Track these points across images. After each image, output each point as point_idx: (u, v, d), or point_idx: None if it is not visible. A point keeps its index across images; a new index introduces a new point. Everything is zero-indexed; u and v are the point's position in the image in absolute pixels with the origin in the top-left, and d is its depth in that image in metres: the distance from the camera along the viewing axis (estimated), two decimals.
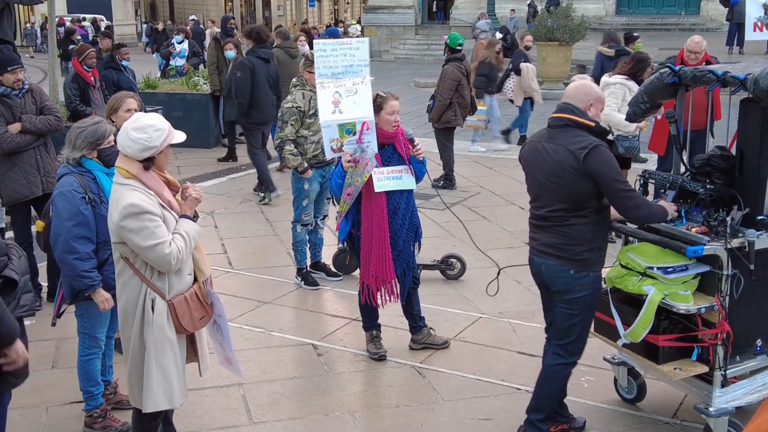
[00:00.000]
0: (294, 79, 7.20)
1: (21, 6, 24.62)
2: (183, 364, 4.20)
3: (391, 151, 5.69)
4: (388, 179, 5.59)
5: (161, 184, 4.04)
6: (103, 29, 17.98)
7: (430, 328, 6.12)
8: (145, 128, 3.92)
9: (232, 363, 4.44)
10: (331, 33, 13.50)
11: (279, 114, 7.05)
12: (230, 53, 12.23)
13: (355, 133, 5.57)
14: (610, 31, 14.75)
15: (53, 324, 4.92)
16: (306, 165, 6.93)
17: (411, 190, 5.78)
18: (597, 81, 14.82)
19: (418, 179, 5.78)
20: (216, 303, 4.23)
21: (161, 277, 4.02)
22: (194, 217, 4.20)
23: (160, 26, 23.13)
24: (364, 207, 5.61)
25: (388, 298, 5.76)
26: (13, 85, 6.35)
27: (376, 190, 5.54)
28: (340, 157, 5.61)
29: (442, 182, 10.59)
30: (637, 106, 5.09)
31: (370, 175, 5.53)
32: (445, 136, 10.91)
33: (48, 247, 4.88)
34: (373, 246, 5.61)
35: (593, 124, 4.41)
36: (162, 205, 3.99)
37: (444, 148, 10.91)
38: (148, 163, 3.97)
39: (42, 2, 11.18)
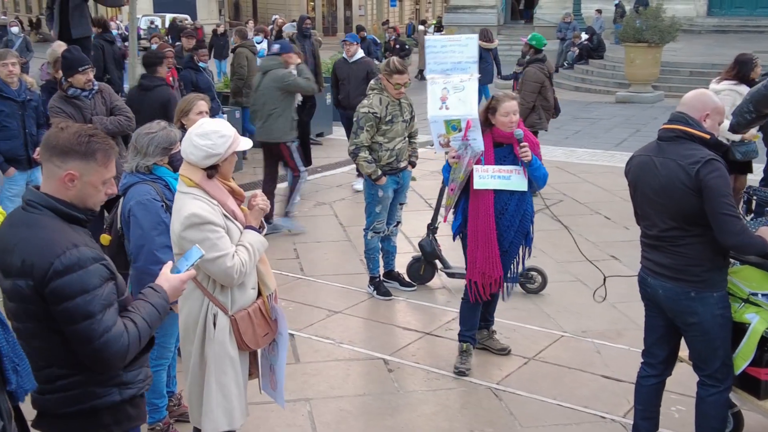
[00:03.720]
0: (372, 82, 6.96)
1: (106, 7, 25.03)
2: (245, 383, 3.98)
3: (507, 150, 5.49)
4: (492, 177, 5.42)
5: (225, 193, 3.82)
6: (189, 29, 17.97)
7: (493, 331, 5.94)
8: (208, 134, 3.70)
9: (276, 388, 4.16)
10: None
11: (354, 119, 6.80)
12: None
13: (460, 130, 5.50)
14: (486, 29, 16.09)
15: None
16: (380, 172, 6.69)
17: (525, 193, 5.52)
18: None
19: (538, 183, 5.50)
20: (280, 320, 4.00)
21: (224, 291, 3.81)
22: (260, 228, 3.97)
23: (221, 29, 21.33)
24: (471, 204, 5.49)
25: (493, 288, 5.57)
26: (84, 86, 6.29)
27: (475, 187, 5.41)
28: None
29: None
30: (741, 116, 4.67)
31: (471, 171, 5.41)
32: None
33: (115, 263, 4.64)
34: (479, 243, 5.47)
35: (708, 136, 4.00)
36: (225, 216, 3.78)
37: None
38: (212, 171, 3.75)
39: (125, 4, 11.27)
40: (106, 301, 2.85)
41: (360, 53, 11.06)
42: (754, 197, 4.57)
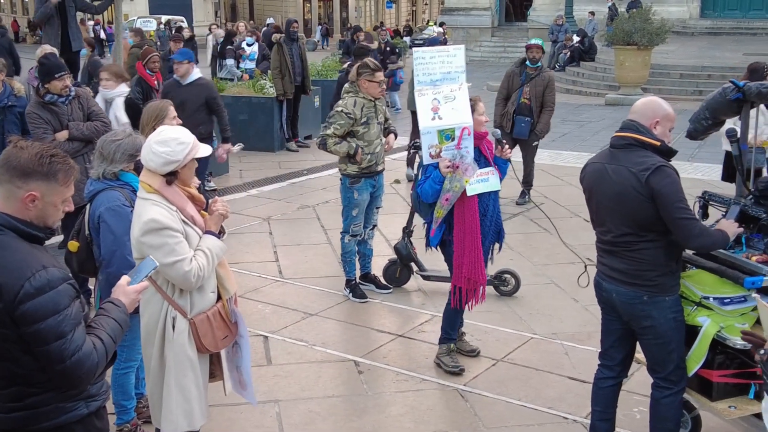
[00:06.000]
0: (346, 85, 7.03)
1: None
2: (205, 385, 4.06)
3: (477, 153, 5.63)
4: (477, 182, 5.57)
5: (184, 199, 3.91)
6: (174, 31, 18.02)
7: (462, 333, 6.06)
8: (167, 141, 3.79)
9: (246, 387, 4.27)
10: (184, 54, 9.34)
11: (328, 116, 6.92)
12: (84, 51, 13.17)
13: (454, 139, 5.56)
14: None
15: None
16: (354, 145, 6.74)
17: (496, 191, 5.72)
18: None
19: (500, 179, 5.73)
20: (240, 323, 4.08)
21: (183, 294, 3.89)
22: (220, 233, 4.06)
23: (186, 33, 19.46)
24: (457, 210, 5.56)
25: (475, 300, 5.70)
26: (60, 92, 6.37)
27: (469, 194, 5.50)
28: (435, 164, 5.55)
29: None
30: (698, 122, 4.75)
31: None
32: (535, 150, 10.57)
33: (83, 269, 4.73)
34: (466, 248, 5.57)
35: (658, 143, 4.10)
36: (184, 221, 3.86)
37: (528, 162, 10.58)
38: (170, 177, 3.84)
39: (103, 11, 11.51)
40: (75, 320, 2.85)
41: (196, 74, 9.08)
42: (711, 203, 4.64)
